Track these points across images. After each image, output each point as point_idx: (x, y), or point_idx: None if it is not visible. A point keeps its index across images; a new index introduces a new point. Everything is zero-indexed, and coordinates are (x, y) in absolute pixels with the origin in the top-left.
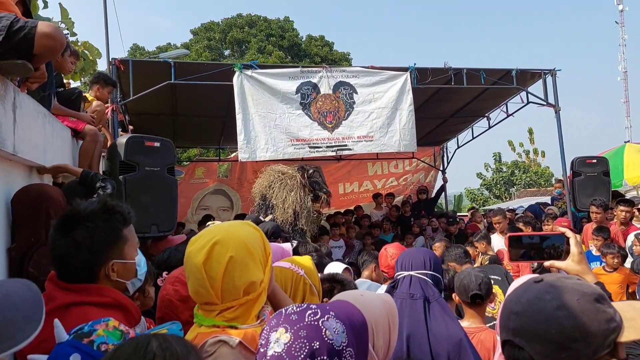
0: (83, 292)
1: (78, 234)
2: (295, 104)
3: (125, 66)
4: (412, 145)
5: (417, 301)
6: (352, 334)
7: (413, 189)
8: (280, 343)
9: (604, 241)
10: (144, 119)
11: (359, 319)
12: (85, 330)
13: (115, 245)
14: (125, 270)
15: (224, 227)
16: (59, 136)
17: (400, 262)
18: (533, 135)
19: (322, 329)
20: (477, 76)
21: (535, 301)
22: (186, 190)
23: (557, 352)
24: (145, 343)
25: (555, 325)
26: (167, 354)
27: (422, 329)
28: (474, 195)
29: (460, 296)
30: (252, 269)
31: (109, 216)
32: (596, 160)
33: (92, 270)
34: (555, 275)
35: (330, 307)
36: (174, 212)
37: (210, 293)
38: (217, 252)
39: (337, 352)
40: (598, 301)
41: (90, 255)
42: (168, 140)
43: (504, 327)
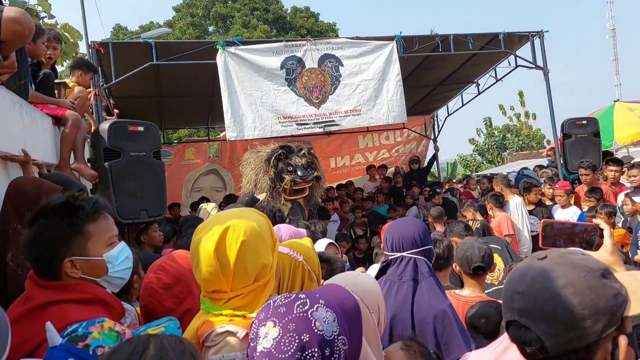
0: (62, 289)
1: (32, 230)
2: (280, 80)
3: (105, 49)
4: (402, 116)
5: (405, 283)
6: (344, 321)
7: (405, 159)
8: (269, 338)
9: (597, 202)
10: (129, 102)
11: (350, 304)
12: (79, 333)
13: (71, 242)
14: (91, 267)
15: (233, 213)
16: (38, 125)
17: (391, 241)
18: (524, 98)
19: (312, 321)
20: (465, 42)
21: (540, 279)
22: (177, 171)
23: (565, 331)
24: (140, 350)
25: (562, 304)
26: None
27: (407, 309)
28: (467, 162)
29: (462, 267)
30: (263, 253)
31: (67, 211)
32: (586, 121)
33: (49, 265)
34: (558, 251)
35: (320, 294)
36: (163, 196)
37: (221, 280)
38: (229, 237)
39: (329, 342)
40: (604, 276)
41: (43, 250)
42: (152, 124)
43: (508, 307)
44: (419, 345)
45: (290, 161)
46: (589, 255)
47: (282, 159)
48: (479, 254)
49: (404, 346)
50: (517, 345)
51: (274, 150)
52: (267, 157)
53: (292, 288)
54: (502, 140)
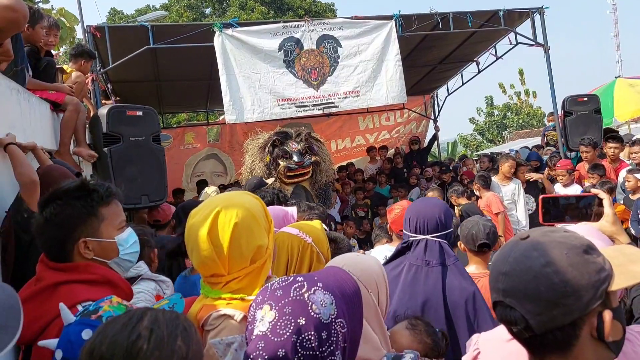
0: (71, 270)
1: (47, 211)
2: (278, 62)
3: (102, 33)
4: (402, 96)
5: (434, 268)
6: (343, 303)
7: (405, 140)
8: (265, 321)
9: (600, 178)
10: (127, 86)
11: (350, 287)
12: (91, 309)
13: (86, 223)
14: (103, 249)
15: (224, 197)
16: (36, 111)
17: (414, 223)
18: (524, 76)
19: (308, 304)
20: (464, 20)
21: (523, 259)
22: (177, 156)
23: (549, 309)
24: (134, 322)
25: (544, 282)
26: (153, 337)
27: (439, 295)
28: (467, 141)
29: (467, 245)
30: (257, 234)
31: (83, 194)
32: (587, 98)
33: (63, 246)
34: (541, 229)
35: (319, 277)
36: (164, 181)
37: (217, 263)
38: (221, 221)
39: (326, 326)
40: (587, 252)
41: (57, 231)
42: (151, 108)
43: (493, 288)
44: (424, 324)
45: (287, 147)
46: (572, 232)
47: (278, 145)
48: (484, 231)
49: (410, 325)
50: (505, 325)
51: (269, 137)
52: (263, 144)
53: (300, 269)
54: (503, 119)
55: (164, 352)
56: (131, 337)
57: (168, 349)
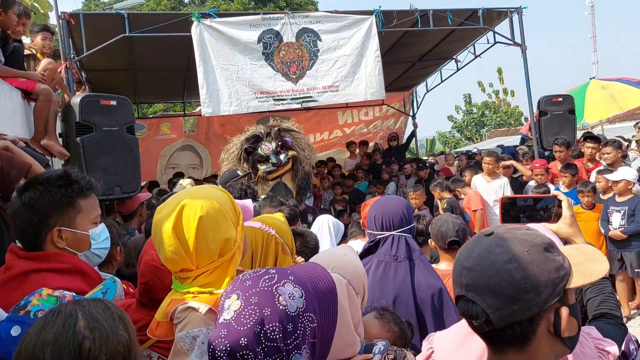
0: (41, 259)
1: (27, 195)
2: (257, 54)
3: (76, 20)
4: (380, 92)
5: (401, 263)
6: (315, 299)
7: (383, 135)
8: (231, 310)
9: (572, 177)
10: (102, 75)
11: (325, 285)
12: (20, 304)
13: (63, 212)
14: (76, 240)
15: (190, 191)
16: (7, 99)
17: (380, 221)
18: (502, 75)
19: (276, 295)
20: (444, 17)
21: (486, 255)
22: (152, 146)
23: (509, 305)
24: (72, 323)
25: (506, 278)
26: (96, 334)
27: (408, 289)
28: (445, 139)
29: (437, 242)
30: (224, 227)
31: (64, 183)
32: (562, 99)
33: (37, 232)
34: (505, 226)
35: (292, 271)
36: (138, 172)
37: (184, 258)
38: (186, 215)
39: (292, 318)
40: (547, 250)
41: (33, 215)
42: (125, 98)
43: (456, 282)
44: (391, 314)
45: (260, 151)
46: (533, 230)
47: (251, 151)
48: (454, 228)
49: (378, 315)
50: (466, 319)
51: (241, 145)
52: (238, 154)
53: (265, 262)
54: (481, 117)
55: (110, 346)
56: (76, 340)
57: (114, 341)
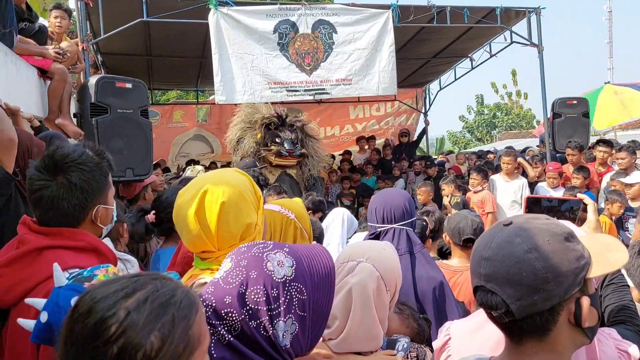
0: (56, 235)
1: (74, 176)
2: (272, 44)
3: (94, 2)
4: (392, 87)
5: (403, 256)
6: (307, 272)
7: (394, 131)
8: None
9: (584, 180)
10: (118, 59)
11: (322, 261)
12: (85, 275)
13: (104, 190)
14: (107, 215)
15: (211, 175)
16: (23, 76)
17: (381, 213)
18: (516, 77)
19: (264, 261)
20: (461, 14)
21: (505, 245)
22: (164, 134)
23: (529, 295)
24: (124, 294)
25: (526, 268)
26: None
27: (409, 283)
28: (456, 138)
29: (453, 238)
30: (245, 212)
31: (100, 161)
32: (576, 101)
33: (81, 213)
34: (524, 216)
35: (291, 245)
36: (150, 156)
37: (205, 242)
38: (208, 200)
39: (277, 284)
40: (567, 240)
41: (83, 197)
42: (140, 82)
43: (474, 273)
44: (410, 309)
45: (280, 133)
46: (553, 219)
47: (272, 129)
48: (472, 226)
49: (397, 310)
50: (485, 310)
51: (266, 116)
52: (258, 120)
53: None
54: (492, 118)
55: (128, 342)
56: (108, 312)
57: (137, 339)
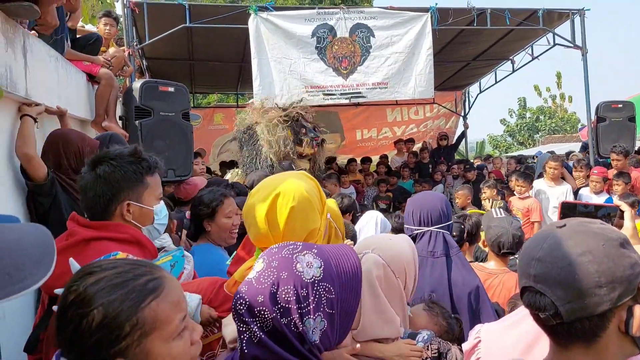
0: (102, 228)
1: (101, 169)
2: (310, 49)
3: (140, 9)
4: (429, 91)
5: (438, 259)
6: (334, 272)
7: (433, 135)
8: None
9: (625, 186)
10: (161, 64)
11: (350, 262)
12: None
13: (134, 187)
14: (142, 214)
15: (283, 178)
16: (73, 80)
17: (418, 216)
18: (561, 79)
19: (294, 262)
20: (502, 16)
21: (558, 246)
22: (205, 136)
23: (580, 298)
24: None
25: (579, 271)
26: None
27: (445, 286)
28: (497, 142)
29: (492, 248)
30: (311, 218)
31: (134, 160)
32: (622, 105)
33: (108, 204)
34: (578, 219)
35: (320, 247)
36: (190, 157)
37: (271, 240)
38: (279, 204)
39: (306, 284)
40: (622, 246)
41: (107, 188)
42: (182, 85)
43: (524, 273)
44: (440, 308)
45: (304, 124)
46: (607, 225)
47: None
48: (513, 241)
49: (427, 307)
50: (531, 311)
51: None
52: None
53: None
54: (535, 121)
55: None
56: (72, 286)
57: (81, 310)
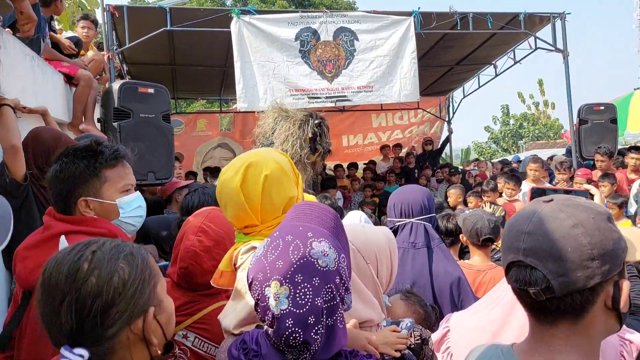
0: (78, 222)
1: (54, 167)
2: (294, 52)
3: (120, 13)
4: (414, 94)
5: (419, 250)
6: (335, 238)
7: (418, 140)
8: (282, 298)
9: (611, 187)
10: (142, 68)
11: (330, 216)
12: None
13: (87, 183)
14: (104, 209)
15: (253, 152)
16: (49, 80)
17: (399, 208)
18: (543, 86)
19: (313, 262)
20: (484, 21)
21: (549, 219)
22: (188, 142)
23: (573, 271)
24: (82, 246)
25: (571, 243)
26: (94, 258)
27: (426, 276)
28: (481, 149)
29: (471, 238)
30: (287, 186)
31: (88, 154)
32: (603, 107)
33: (66, 202)
34: (564, 195)
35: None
36: (171, 160)
37: (249, 215)
38: (251, 174)
39: (336, 272)
40: (609, 220)
41: (61, 186)
42: (162, 87)
43: (511, 248)
44: (416, 297)
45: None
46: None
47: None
48: (489, 225)
49: (404, 297)
50: (516, 288)
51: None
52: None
53: None
54: (519, 128)
55: (103, 271)
56: (74, 258)
57: (108, 268)
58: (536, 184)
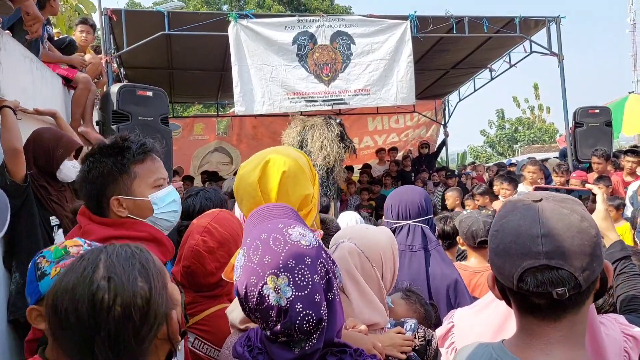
0: (119, 226)
1: (82, 168)
2: (291, 56)
3: (118, 16)
4: (410, 97)
5: (417, 252)
6: (297, 216)
7: (414, 143)
8: (283, 288)
9: (606, 189)
10: (140, 72)
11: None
12: None
13: (117, 181)
14: (137, 207)
15: (273, 148)
16: (48, 83)
17: (397, 209)
18: (538, 91)
19: (298, 244)
20: (480, 24)
21: (559, 217)
22: (185, 146)
23: (591, 263)
24: (91, 272)
25: (586, 237)
26: (111, 285)
27: (423, 279)
28: (477, 153)
29: (467, 241)
30: (303, 183)
31: (115, 151)
32: (599, 110)
33: (98, 202)
34: (545, 192)
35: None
36: (170, 163)
37: None
38: (270, 169)
39: (319, 247)
40: None
41: (90, 187)
42: (161, 90)
43: (527, 254)
44: (416, 295)
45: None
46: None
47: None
48: (484, 227)
49: (405, 295)
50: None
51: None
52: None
53: None
54: (514, 132)
55: (125, 298)
56: (91, 289)
57: (129, 293)
58: (533, 187)
